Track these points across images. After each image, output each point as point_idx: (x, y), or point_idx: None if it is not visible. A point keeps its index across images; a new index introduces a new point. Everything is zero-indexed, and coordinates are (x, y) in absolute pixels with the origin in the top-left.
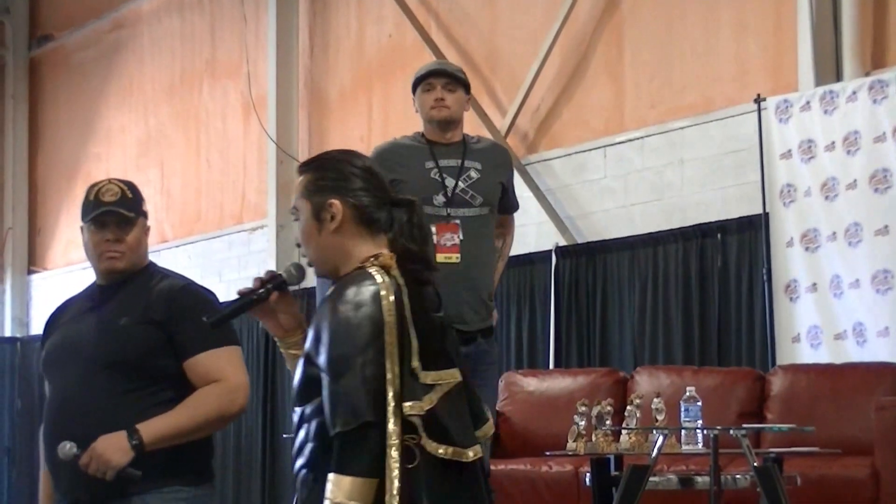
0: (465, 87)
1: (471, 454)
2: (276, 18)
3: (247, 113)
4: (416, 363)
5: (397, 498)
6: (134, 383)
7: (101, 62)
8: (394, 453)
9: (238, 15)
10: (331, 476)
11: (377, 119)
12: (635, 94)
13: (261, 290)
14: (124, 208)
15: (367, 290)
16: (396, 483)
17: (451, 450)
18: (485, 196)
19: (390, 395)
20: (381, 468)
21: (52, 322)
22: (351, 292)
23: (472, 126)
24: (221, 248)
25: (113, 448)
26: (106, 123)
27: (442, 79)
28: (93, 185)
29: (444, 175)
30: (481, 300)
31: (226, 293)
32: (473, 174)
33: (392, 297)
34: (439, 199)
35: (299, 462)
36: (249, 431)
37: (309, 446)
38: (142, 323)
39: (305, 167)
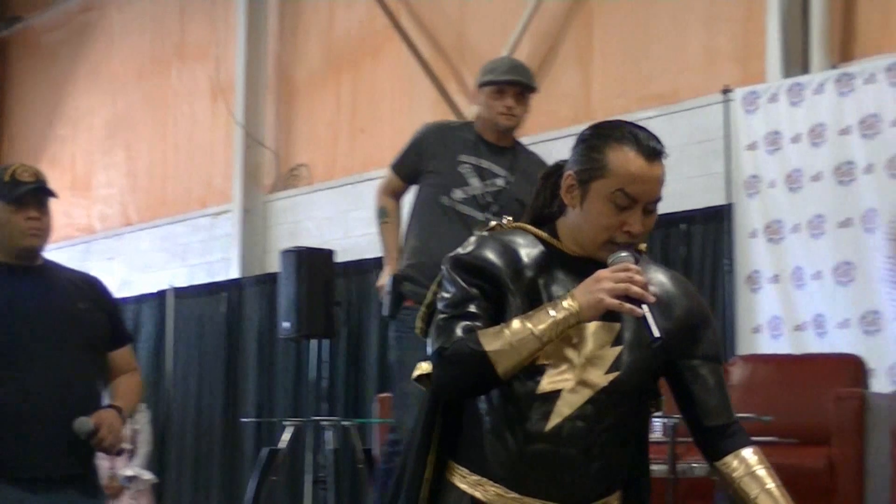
0: (534, 93)
1: None
2: (246, 2)
3: (215, 97)
4: None
5: None
6: (97, 364)
7: (69, 44)
8: None
9: None
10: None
11: (345, 104)
12: (603, 84)
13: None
14: (46, 188)
15: None
16: None
17: None
18: (502, 207)
19: None
20: None
21: None
22: None
23: (440, 112)
24: (186, 231)
25: (119, 425)
26: (73, 105)
27: (516, 87)
28: (3, 167)
29: (473, 174)
30: None
31: (189, 278)
32: (500, 182)
33: None
34: (458, 194)
35: (613, 439)
36: (209, 414)
37: (632, 422)
38: (96, 310)
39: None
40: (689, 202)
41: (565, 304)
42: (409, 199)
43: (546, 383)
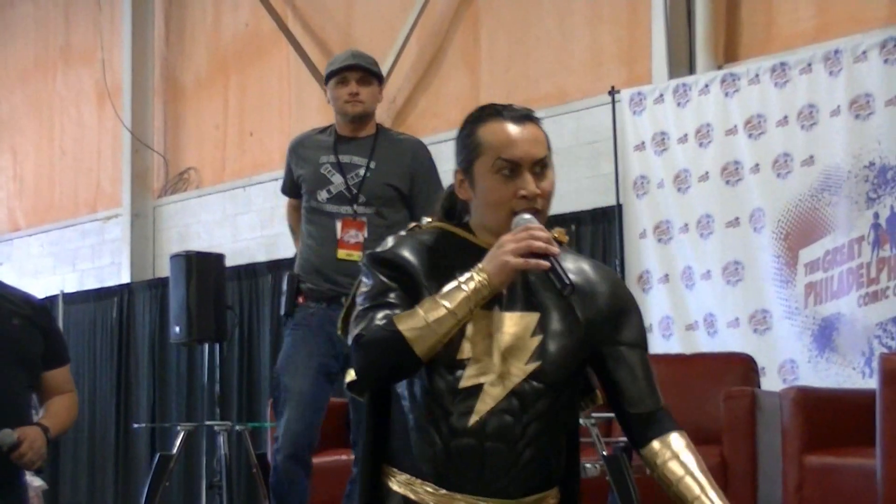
0: (379, 79)
1: None
2: (132, 5)
3: (101, 100)
4: None
5: None
6: (27, 380)
7: None
8: None
9: (92, 0)
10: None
11: (233, 107)
12: (491, 85)
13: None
14: None
15: None
16: None
17: None
18: (369, 196)
19: None
20: None
21: None
22: None
23: (327, 114)
24: (75, 236)
25: (41, 441)
26: None
27: (357, 73)
28: None
29: (334, 171)
30: None
31: (79, 283)
32: (362, 172)
33: None
34: (322, 195)
35: (537, 429)
36: (102, 420)
37: (562, 414)
38: (31, 327)
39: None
40: (579, 203)
41: (475, 276)
42: None
43: (467, 378)
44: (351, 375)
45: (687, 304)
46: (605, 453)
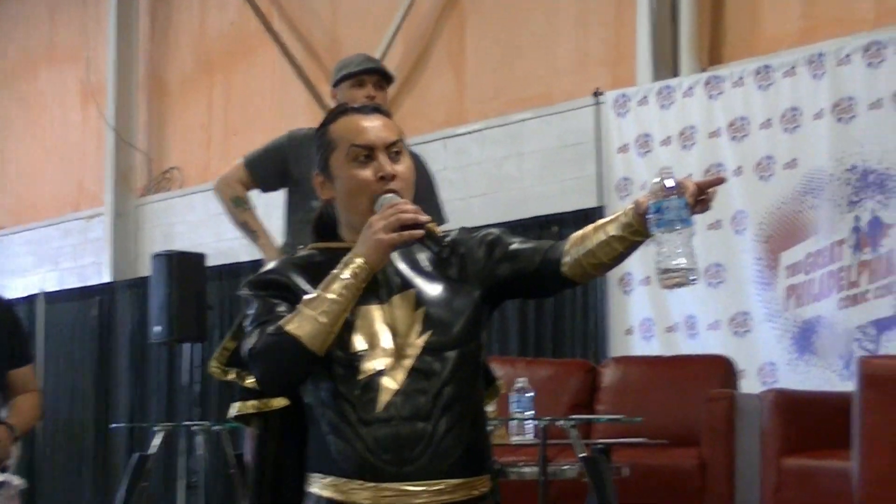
0: (390, 84)
1: None
2: (117, 3)
3: (85, 99)
4: None
5: None
6: None
7: None
8: None
9: None
10: None
11: (218, 107)
12: (476, 86)
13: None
14: None
15: None
16: None
17: None
18: None
19: None
20: None
21: None
22: None
23: (313, 114)
24: (57, 235)
25: (7, 441)
26: None
27: (374, 77)
28: None
29: None
30: None
31: (60, 282)
32: None
33: None
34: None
35: (447, 393)
36: (81, 421)
37: (470, 378)
38: None
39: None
40: (562, 204)
41: (350, 262)
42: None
43: (365, 368)
44: (234, 410)
45: (667, 306)
46: (583, 455)
